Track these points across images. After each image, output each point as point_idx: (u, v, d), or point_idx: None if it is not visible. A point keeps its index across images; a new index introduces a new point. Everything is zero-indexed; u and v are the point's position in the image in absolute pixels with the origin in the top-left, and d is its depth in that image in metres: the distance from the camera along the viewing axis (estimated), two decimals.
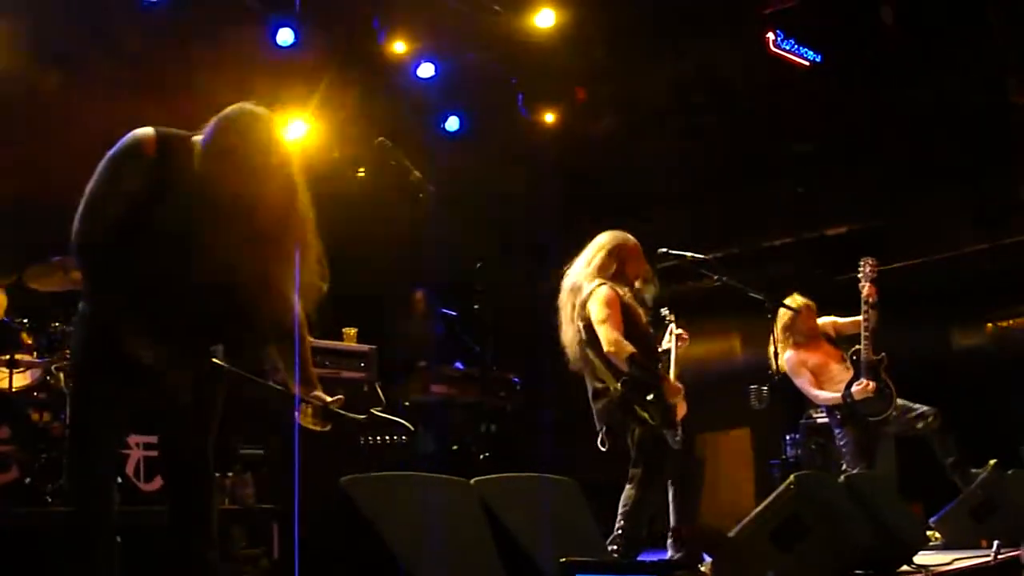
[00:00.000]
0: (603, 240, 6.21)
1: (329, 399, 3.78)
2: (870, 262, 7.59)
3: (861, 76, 9.89)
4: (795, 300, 7.68)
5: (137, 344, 3.39)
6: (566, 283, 6.20)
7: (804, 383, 7.71)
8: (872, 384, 7.40)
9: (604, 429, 5.97)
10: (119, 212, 3.42)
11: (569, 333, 6.10)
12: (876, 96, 9.79)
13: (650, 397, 5.77)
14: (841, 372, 7.73)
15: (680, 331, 6.37)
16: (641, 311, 6.11)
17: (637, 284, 6.20)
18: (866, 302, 7.51)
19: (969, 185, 9.53)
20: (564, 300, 6.19)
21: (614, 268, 6.08)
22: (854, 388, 7.44)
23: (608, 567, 2.96)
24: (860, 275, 7.60)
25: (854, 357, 7.55)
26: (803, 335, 7.76)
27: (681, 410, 5.99)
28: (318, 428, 3.74)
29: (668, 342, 6.37)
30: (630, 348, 5.78)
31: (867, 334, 7.53)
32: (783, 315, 7.54)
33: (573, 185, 11.02)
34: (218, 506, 3.88)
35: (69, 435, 3.78)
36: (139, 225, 3.41)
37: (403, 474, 3.33)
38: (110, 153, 3.48)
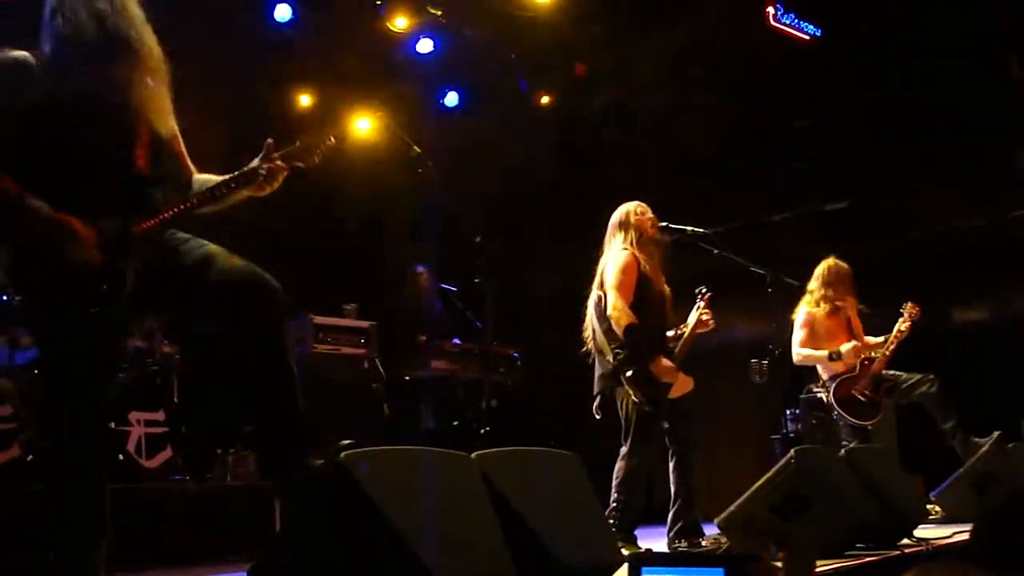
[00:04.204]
0: (614, 217, 6.23)
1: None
2: (917, 309, 7.76)
3: (861, 49, 9.86)
4: (836, 262, 7.81)
5: (72, 244, 3.40)
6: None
7: (799, 340, 7.81)
8: (868, 391, 7.56)
9: (599, 398, 6.01)
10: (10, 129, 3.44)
11: (589, 308, 6.12)
12: (876, 70, 9.75)
13: (629, 373, 5.80)
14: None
15: (705, 314, 6.21)
16: (661, 281, 6.10)
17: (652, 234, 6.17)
18: (898, 335, 7.72)
19: (969, 159, 9.49)
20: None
21: (634, 236, 6.09)
22: (843, 347, 7.58)
23: (674, 560, 2.95)
24: (904, 313, 7.75)
25: (865, 362, 7.65)
26: (833, 298, 7.83)
27: (682, 387, 5.98)
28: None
29: (690, 319, 6.25)
30: (630, 318, 5.80)
31: (887, 353, 7.72)
32: (832, 271, 7.67)
33: (572, 160, 10.99)
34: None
35: (45, 382, 3.70)
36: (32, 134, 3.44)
37: (403, 448, 3.32)
38: None
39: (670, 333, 6.23)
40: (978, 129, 9.30)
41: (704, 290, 6.25)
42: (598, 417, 6.05)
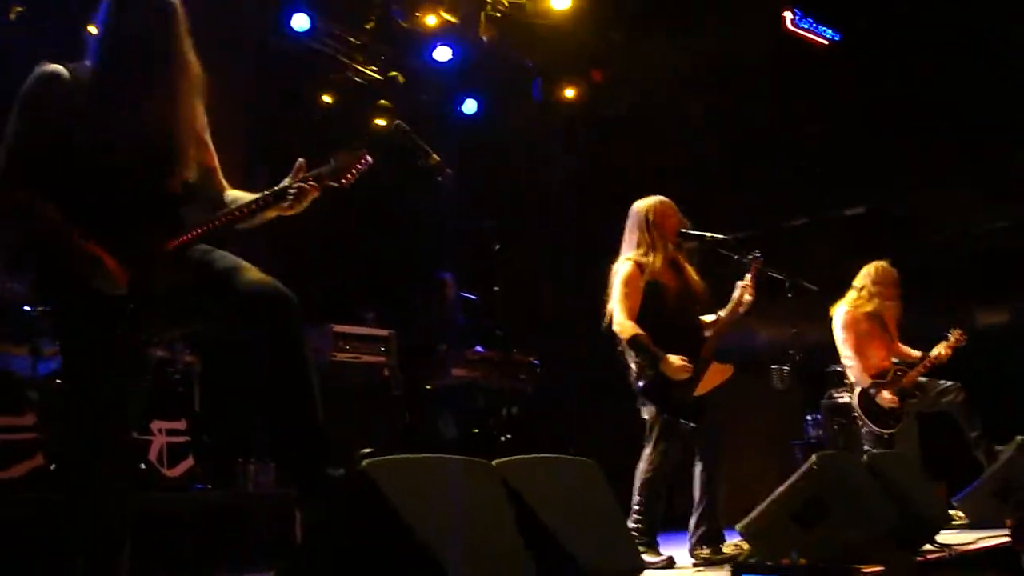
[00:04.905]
0: (631, 212, 6.21)
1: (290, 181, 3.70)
2: (964, 339, 7.77)
3: (878, 53, 9.84)
4: (886, 265, 7.88)
5: (84, 266, 3.42)
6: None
7: (845, 343, 7.76)
8: (898, 404, 7.53)
9: (638, 402, 6.01)
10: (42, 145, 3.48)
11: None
12: (894, 73, 9.72)
13: (640, 385, 5.81)
14: (878, 358, 7.78)
15: (747, 293, 5.98)
16: (680, 278, 6.07)
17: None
18: (936, 359, 7.73)
19: (989, 163, 9.47)
20: None
21: (650, 236, 6.06)
22: (884, 393, 7.53)
23: (773, 570, 2.93)
24: (950, 336, 7.77)
25: (899, 373, 7.63)
26: (878, 298, 7.82)
27: (717, 377, 5.94)
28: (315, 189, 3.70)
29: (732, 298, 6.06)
30: (632, 331, 5.78)
31: (923, 370, 7.74)
32: (881, 272, 7.76)
33: (590, 167, 11.00)
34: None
35: (68, 396, 3.70)
36: (59, 151, 3.47)
37: (425, 456, 3.33)
38: (24, 89, 3.54)
39: (711, 317, 6.18)
40: (998, 132, 9.26)
41: (757, 254, 6.10)
42: (646, 418, 6.02)
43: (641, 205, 6.18)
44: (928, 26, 9.48)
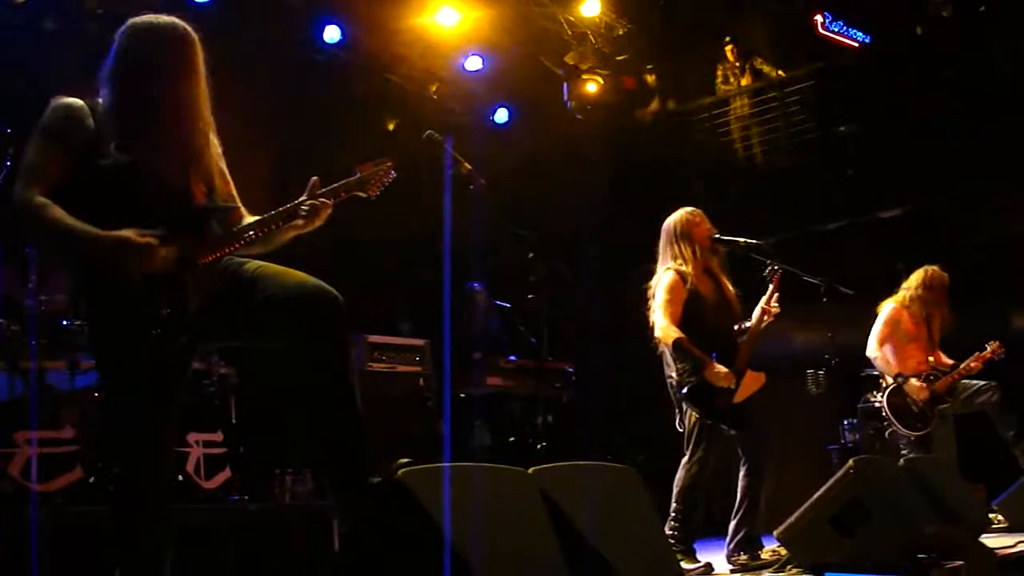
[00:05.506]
0: (662, 229, 6.21)
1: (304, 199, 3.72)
2: (1002, 350, 7.76)
3: (911, 54, 9.79)
4: (939, 271, 7.85)
5: (113, 252, 3.41)
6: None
7: (877, 335, 7.74)
8: (927, 396, 7.49)
9: (677, 411, 6.00)
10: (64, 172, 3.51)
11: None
12: (927, 73, 9.66)
13: (684, 390, 5.80)
14: (916, 360, 7.73)
15: (768, 311, 5.97)
16: (716, 288, 6.08)
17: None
18: (968, 369, 7.72)
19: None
20: None
21: (682, 247, 6.07)
22: (913, 381, 7.49)
23: (858, 567, 2.92)
24: (989, 349, 7.75)
25: (931, 377, 7.59)
26: (926, 302, 7.77)
27: (751, 386, 5.93)
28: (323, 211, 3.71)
29: (756, 311, 6.05)
30: (674, 335, 5.79)
31: (957, 376, 7.72)
32: (933, 277, 7.77)
33: (623, 173, 10.99)
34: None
35: (109, 408, 3.71)
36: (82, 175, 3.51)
37: (461, 464, 3.33)
38: (44, 122, 3.57)
39: (735, 327, 6.17)
40: None
41: (776, 268, 6.05)
42: (680, 430, 6.01)
43: (669, 220, 6.21)
44: (960, 26, 9.43)
